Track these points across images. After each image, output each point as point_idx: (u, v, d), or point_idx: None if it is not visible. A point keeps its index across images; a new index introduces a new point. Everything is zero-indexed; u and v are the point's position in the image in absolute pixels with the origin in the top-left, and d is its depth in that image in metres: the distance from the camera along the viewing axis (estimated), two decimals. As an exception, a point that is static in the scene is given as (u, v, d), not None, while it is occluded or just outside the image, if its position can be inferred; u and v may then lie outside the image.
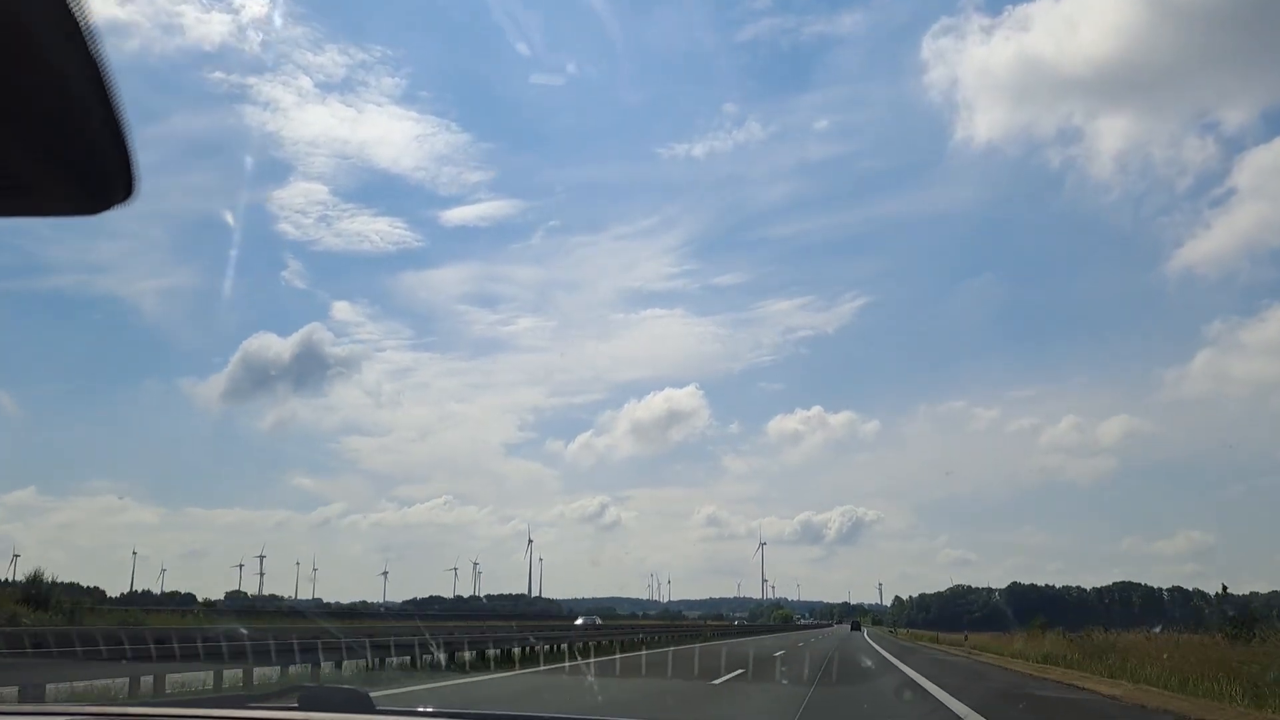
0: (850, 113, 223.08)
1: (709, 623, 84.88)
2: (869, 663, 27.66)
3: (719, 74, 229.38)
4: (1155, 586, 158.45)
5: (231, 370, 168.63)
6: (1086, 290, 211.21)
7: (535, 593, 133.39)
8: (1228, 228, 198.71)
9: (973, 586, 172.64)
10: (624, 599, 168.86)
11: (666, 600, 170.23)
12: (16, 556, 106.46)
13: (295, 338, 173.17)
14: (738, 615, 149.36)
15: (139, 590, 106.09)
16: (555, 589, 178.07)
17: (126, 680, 12.48)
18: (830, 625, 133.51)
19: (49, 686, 10.97)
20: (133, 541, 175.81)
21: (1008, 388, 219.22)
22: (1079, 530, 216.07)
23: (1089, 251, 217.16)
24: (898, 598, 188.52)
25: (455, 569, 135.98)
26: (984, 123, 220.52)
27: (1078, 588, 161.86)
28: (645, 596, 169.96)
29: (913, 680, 19.84)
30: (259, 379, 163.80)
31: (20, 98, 0.87)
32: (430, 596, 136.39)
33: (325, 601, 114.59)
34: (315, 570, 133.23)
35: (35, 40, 0.83)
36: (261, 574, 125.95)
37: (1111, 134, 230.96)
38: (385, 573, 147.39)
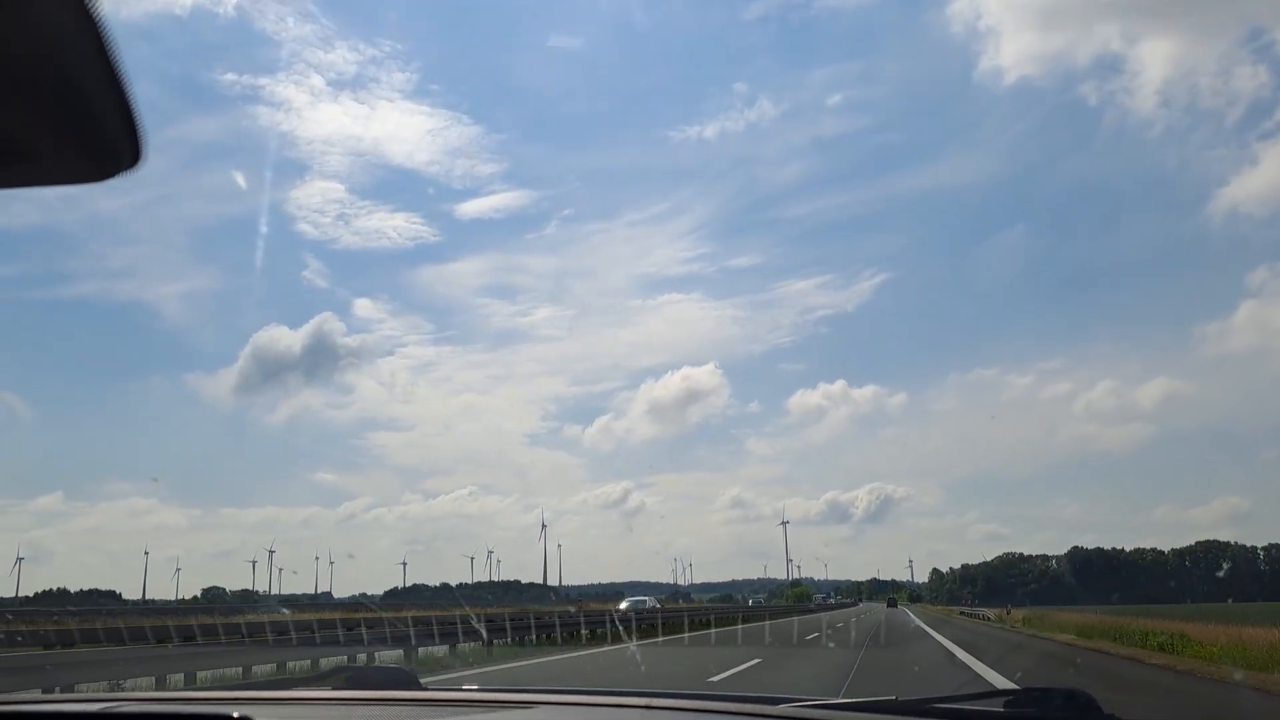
0: (864, 86, 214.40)
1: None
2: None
3: (728, 53, 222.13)
4: (1249, 545, 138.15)
5: (245, 367, 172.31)
6: (1123, 242, 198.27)
7: (555, 579, 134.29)
8: (1278, 160, 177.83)
9: (1025, 554, 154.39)
10: (643, 583, 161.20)
11: (687, 584, 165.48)
12: (20, 560, 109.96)
13: (313, 336, 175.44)
14: (755, 596, 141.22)
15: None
16: (577, 575, 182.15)
17: None
18: (855, 604, 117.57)
19: None
20: (161, 543, 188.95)
21: (1038, 354, 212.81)
22: (1113, 500, 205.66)
23: (1127, 199, 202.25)
24: (936, 570, 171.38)
25: (471, 558, 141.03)
26: (1011, 55, 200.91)
27: (1153, 550, 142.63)
28: (668, 580, 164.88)
29: None
30: (280, 377, 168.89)
31: (19, 65, 0.85)
32: (412, 586, 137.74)
33: (335, 596, 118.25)
34: (332, 564, 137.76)
35: (32, 5, 0.81)
36: (276, 569, 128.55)
37: (1155, 61, 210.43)
38: (404, 563, 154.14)
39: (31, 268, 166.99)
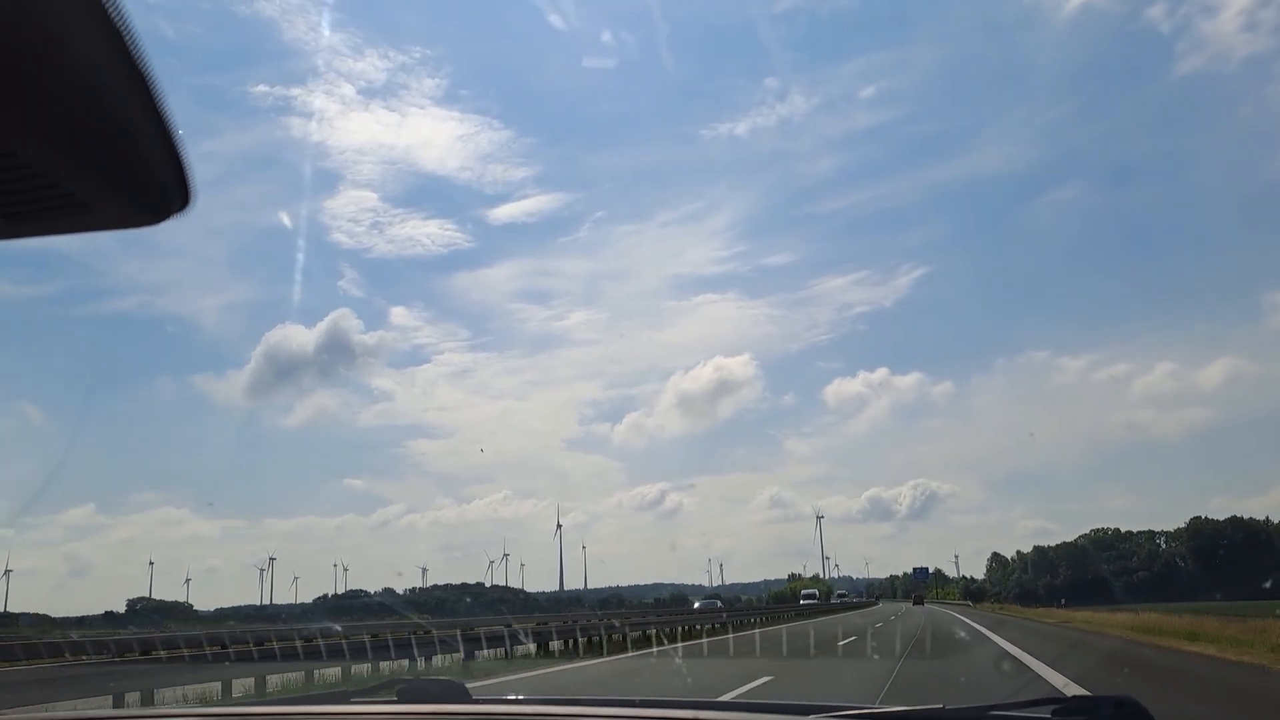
0: (900, 64, 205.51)
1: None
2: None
3: (758, 48, 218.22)
4: None
5: (260, 367, 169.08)
6: (1186, 202, 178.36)
7: (580, 582, 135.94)
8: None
9: (1125, 531, 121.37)
10: (669, 585, 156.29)
11: (718, 585, 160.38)
12: (9, 572, 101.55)
13: (328, 335, 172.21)
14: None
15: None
16: (608, 577, 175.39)
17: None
18: (875, 603, 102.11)
19: None
20: (194, 554, 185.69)
21: (1089, 337, 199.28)
22: (1164, 491, 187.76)
23: (1190, 149, 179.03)
24: (996, 555, 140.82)
25: (492, 561, 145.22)
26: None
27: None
28: (703, 582, 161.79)
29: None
30: (297, 378, 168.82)
31: (71, 115, 0.88)
32: (349, 591, 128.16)
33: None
34: (346, 570, 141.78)
35: (81, 57, 0.83)
36: (290, 578, 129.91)
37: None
38: (424, 568, 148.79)
39: (68, 283, 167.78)
